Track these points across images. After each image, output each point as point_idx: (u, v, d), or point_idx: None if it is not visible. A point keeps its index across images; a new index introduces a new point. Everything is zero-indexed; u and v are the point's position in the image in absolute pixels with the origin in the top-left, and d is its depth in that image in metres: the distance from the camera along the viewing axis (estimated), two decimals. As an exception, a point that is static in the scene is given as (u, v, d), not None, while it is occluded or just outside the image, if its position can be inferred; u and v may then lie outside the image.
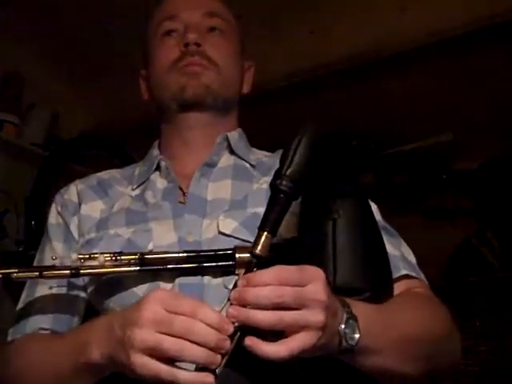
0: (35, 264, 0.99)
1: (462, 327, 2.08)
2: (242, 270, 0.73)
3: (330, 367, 0.75)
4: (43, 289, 0.94)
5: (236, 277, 0.81)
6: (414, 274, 0.90)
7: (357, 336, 0.70)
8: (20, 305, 0.96)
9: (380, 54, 1.97)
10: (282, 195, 0.73)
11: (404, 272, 0.89)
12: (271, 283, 0.66)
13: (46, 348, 0.85)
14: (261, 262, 0.71)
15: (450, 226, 2.46)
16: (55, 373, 0.80)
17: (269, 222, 0.72)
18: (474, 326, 2.10)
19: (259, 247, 0.71)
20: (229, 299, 0.68)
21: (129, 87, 1.09)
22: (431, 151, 2.43)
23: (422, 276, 0.92)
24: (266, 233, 0.71)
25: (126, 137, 2.37)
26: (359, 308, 0.73)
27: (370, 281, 0.80)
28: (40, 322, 0.92)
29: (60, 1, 2.00)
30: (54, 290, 0.93)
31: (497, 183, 2.38)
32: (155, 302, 0.67)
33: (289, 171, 0.73)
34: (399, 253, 0.91)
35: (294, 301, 0.66)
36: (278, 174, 0.74)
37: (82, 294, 0.94)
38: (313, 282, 0.67)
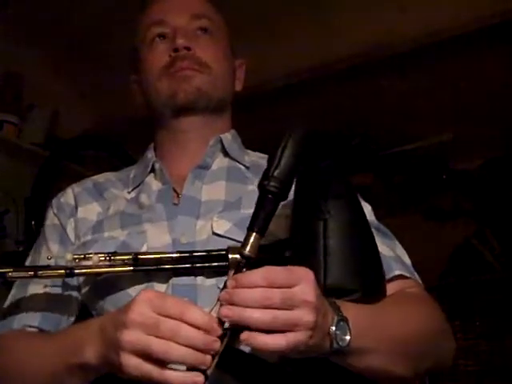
0: (28, 264, 0.98)
1: (462, 327, 2.10)
2: (233, 271, 0.73)
3: (322, 368, 0.75)
4: (35, 287, 0.93)
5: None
6: (407, 275, 0.90)
7: (347, 338, 0.70)
8: (8, 302, 0.95)
9: (380, 54, 1.97)
10: (270, 196, 0.73)
11: (397, 272, 0.88)
12: (259, 284, 0.66)
13: (34, 346, 0.84)
14: (251, 263, 0.71)
15: (450, 226, 2.46)
16: (46, 372, 0.79)
17: (257, 223, 0.72)
18: (474, 326, 2.10)
19: (248, 247, 0.71)
20: (219, 299, 0.68)
21: (129, 87, 1.09)
22: (431, 151, 2.43)
23: (417, 276, 0.92)
24: (254, 233, 0.72)
25: (126, 137, 2.37)
26: (350, 310, 0.73)
27: (360, 281, 0.80)
28: (27, 320, 0.91)
29: (60, 1, 2.00)
30: (46, 289, 0.93)
31: (497, 183, 2.38)
32: (143, 303, 0.67)
33: (276, 172, 0.73)
34: (393, 254, 0.91)
35: (283, 302, 0.66)
36: (266, 175, 0.74)
37: (75, 294, 0.93)
38: (301, 283, 0.67)
